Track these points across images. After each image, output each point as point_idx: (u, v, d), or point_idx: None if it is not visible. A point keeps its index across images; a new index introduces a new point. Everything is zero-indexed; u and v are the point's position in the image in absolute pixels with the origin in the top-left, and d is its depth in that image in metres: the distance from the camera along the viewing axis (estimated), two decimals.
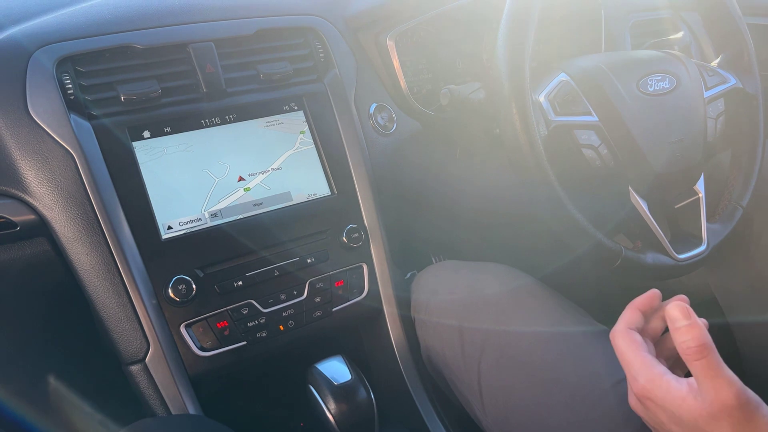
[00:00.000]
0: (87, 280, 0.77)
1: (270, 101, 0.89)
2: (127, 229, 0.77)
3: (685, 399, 0.53)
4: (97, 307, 0.78)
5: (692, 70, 0.86)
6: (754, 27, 0.95)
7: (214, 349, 0.81)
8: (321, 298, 0.88)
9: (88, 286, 0.77)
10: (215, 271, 0.81)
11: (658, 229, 0.82)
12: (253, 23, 0.90)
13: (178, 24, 0.86)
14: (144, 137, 0.81)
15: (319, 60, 0.95)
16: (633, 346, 0.60)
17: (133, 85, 0.80)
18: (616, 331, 0.63)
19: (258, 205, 0.86)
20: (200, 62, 0.84)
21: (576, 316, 0.83)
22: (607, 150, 0.81)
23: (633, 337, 0.61)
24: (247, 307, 0.83)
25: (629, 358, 0.59)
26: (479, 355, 0.80)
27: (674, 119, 0.83)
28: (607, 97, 0.81)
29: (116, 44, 0.81)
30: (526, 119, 0.75)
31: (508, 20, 0.78)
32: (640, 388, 0.57)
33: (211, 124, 0.85)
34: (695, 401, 0.53)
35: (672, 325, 0.55)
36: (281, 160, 0.89)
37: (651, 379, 0.57)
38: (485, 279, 0.89)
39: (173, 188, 0.81)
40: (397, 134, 1.01)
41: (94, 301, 0.77)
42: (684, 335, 0.54)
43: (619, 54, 0.93)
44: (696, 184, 0.86)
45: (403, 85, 1.02)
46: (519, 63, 0.76)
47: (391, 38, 1.01)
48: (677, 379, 0.56)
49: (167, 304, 0.78)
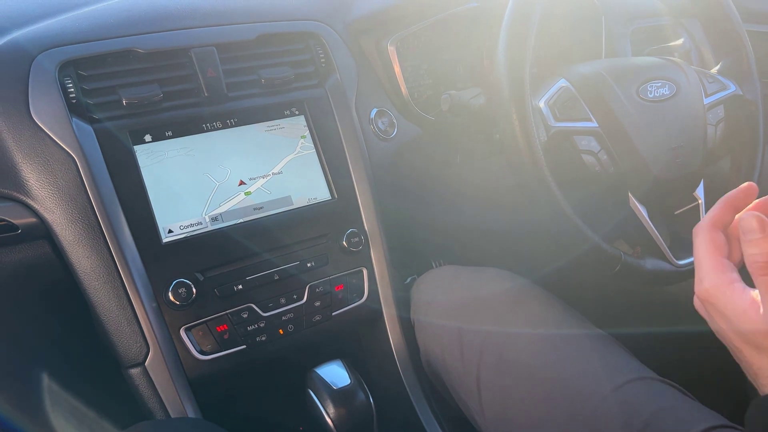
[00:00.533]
0: (87, 282, 0.77)
1: (271, 106, 0.90)
2: (128, 233, 0.77)
3: (747, 311, 0.51)
4: (97, 310, 0.78)
5: (692, 76, 0.87)
6: (753, 34, 0.95)
7: (213, 353, 0.81)
8: (321, 302, 0.88)
9: (89, 288, 0.77)
10: (215, 275, 0.82)
11: (657, 234, 0.82)
12: (254, 28, 0.91)
13: (180, 28, 0.86)
14: (145, 141, 0.81)
15: (320, 65, 0.95)
16: (710, 248, 0.56)
17: (135, 89, 0.81)
18: (699, 226, 0.58)
19: (258, 209, 0.86)
20: (202, 66, 0.85)
21: (575, 321, 0.83)
22: (607, 156, 0.81)
23: (713, 237, 0.57)
24: (247, 311, 0.83)
25: (701, 258, 0.56)
26: (478, 359, 0.80)
27: (674, 125, 0.83)
28: (607, 103, 0.81)
29: (118, 48, 0.81)
30: (526, 125, 0.75)
31: (508, 26, 0.78)
32: (703, 291, 0.55)
33: (212, 128, 0.86)
34: (756, 315, 0.51)
35: (744, 236, 0.52)
36: (282, 164, 0.89)
37: (717, 285, 0.54)
38: (485, 283, 0.89)
39: (174, 192, 0.81)
40: (397, 139, 1.01)
41: (94, 304, 0.78)
42: (754, 248, 0.51)
43: (620, 60, 0.93)
44: (696, 190, 0.87)
45: (403, 90, 1.02)
46: (519, 69, 0.76)
47: (392, 43, 1.02)
48: (744, 289, 0.53)
49: (167, 307, 0.78)
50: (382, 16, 1.03)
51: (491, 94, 0.84)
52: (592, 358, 0.76)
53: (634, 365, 0.77)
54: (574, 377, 0.74)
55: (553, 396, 0.74)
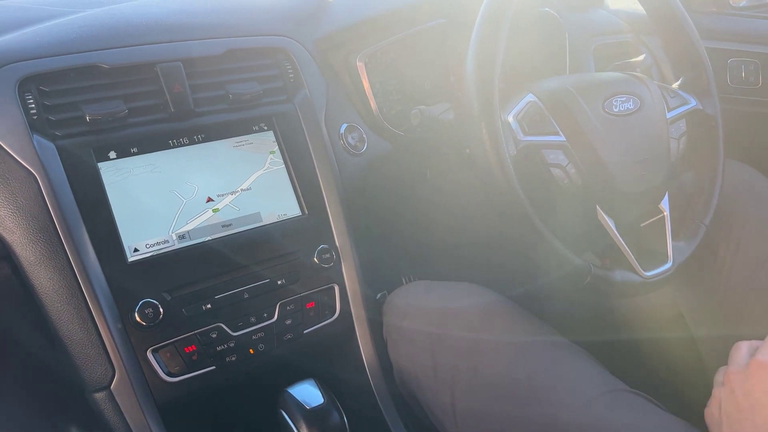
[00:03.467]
0: (50, 304, 0.74)
1: (239, 121, 0.89)
2: (92, 252, 0.75)
3: None
4: (59, 333, 0.75)
5: (655, 91, 0.89)
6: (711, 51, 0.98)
7: (181, 375, 0.79)
8: (292, 320, 0.87)
9: (51, 311, 0.75)
10: (183, 294, 0.80)
11: (625, 246, 0.83)
12: (222, 43, 0.90)
13: (145, 44, 0.85)
14: (110, 158, 0.79)
15: (288, 80, 0.95)
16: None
17: (98, 105, 0.79)
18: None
19: (227, 226, 0.85)
20: (168, 82, 0.83)
21: (547, 335, 0.83)
22: (575, 169, 0.82)
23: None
24: (216, 330, 0.81)
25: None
26: (452, 375, 0.80)
27: (639, 139, 0.85)
28: (574, 117, 0.82)
29: (81, 64, 0.80)
30: (496, 139, 0.76)
31: (476, 42, 0.79)
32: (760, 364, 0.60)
33: (179, 145, 0.84)
34: None
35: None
36: (251, 180, 0.88)
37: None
38: (457, 299, 0.89)
39: (140, 210, 0.79)
40: (367, 154, 1.01)
41: (56, 327, 0.75)
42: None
43: (585, 75, 0.95)
44: (661, 203, 0.88)
45: (373, 105, 1.03)
46: (488, 84, 0.77)
47: (361, 59, 1.02)
48: None
49: (133, 328, 0.76)
50: (350, 32, 1.03)
51: (460, 109, 0.85)
52: (565, 372, 0.76)
53: (605, 377, 0.77)
54: (548, 392, 0.74)
55: (527, 411, 0.74)
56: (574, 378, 0.76)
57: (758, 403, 0.60)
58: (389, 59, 1.08)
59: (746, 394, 0.61)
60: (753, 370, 0.61)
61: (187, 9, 0.95)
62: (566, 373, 0.77)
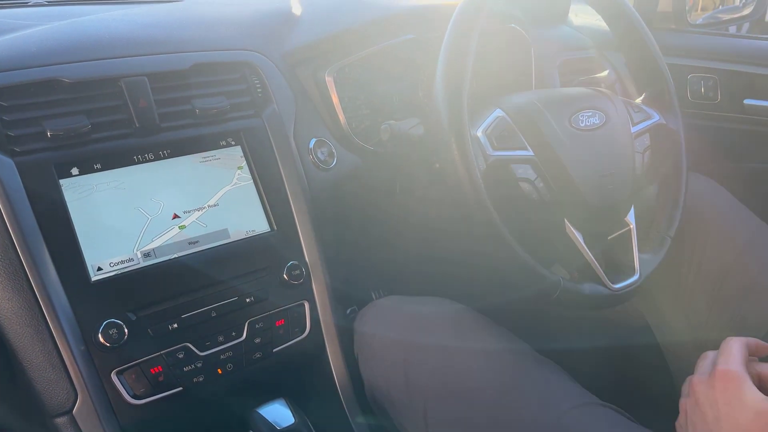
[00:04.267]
0: (8, 326, 0.72)
1: (206, 136, 0.87)
2: (53, 272, 0.72)
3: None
4: (19, 356, 0.72)
5: (619, 106, 0.90)
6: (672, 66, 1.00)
7: (147, 397, 0.77)
8: (261, 338, 0.85)
9: (9, 333, 0.72)
10: (149, 314, 0.78)
11: (593, 259, 0.84)
12: (188, 57, 0.89)
13: (109, 58, 0.83)
14: (72, 174, 0.77)
15: (256, 95, 0.94)
16: (743, 342, 0.64)
17: (60, 120, 0.77)
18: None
19: (194, 243, 0.83)
20: (132, 97, 0.82)
21: (518, 348, 0.84)
22: (543, 183, 0.83)
23: (746, 342, 0.65)
24: (183, 350, 0.79)
25: (735, 346, 0.63)
26: (424, 391, 0.79)
27: (605, 153, 0.86)
28: (541, 132, 0.83)
29: (42, 78, 0.78)
30: (466, 154, 0.76)
31: (445, 58, 0.80)
32: (723, 373, 0.61)
33: (144, 160, 0.82)
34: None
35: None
36: (218, 196, 0.86)
37: (739, 371, 0.61)
38: (428, 314, 0.89)
39: (103, 227, 0.77)
40: (337, 169, 1.00)
41: (15, 349, 0.72)
42: None
43: (552, 91, 0.96)
44: (627, 216, 0.90)
45: (342, 120, 1.02)
46: (457, 99, 0.78)
47: (330, 74, 1.01)
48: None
49: (97, 349, 0.74)
50: (318, 47, 1.03)
51: (430, 124, 0.85)
52: (537, 386, 0.76)
53: (576, 391, 0.78)
54: (520, 406, 0.74)
55: (500, 426, 0.74)
56: (545, 392, 0.76)
57: (722, 412, 0.60)
58: (358, 74, 1.08)
59: (711, 404, 0.61)
60: (715, 379, 0.62)
61: (153, 23, 0.94)
62: (538, 387, 0.77)
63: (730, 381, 0.60)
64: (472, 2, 0.81)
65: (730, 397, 0.60)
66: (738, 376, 0.61)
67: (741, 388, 0.60)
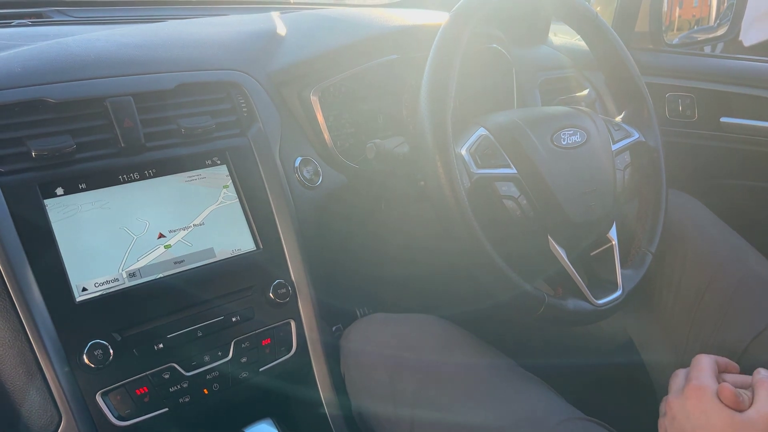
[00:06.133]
0: None
1: (192, 156, 0.87)
2: (38, 293, 0.72)
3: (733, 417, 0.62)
4: (1, 378, 0.71)
5: (600, 124, 0.92)
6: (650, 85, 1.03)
7: (132, 418, 0.76)
8: (247, 358, 0.85)
9: None
10: (134, 334, 0.77)
11: (577, 276, 0.85)
12: (173, 78, 0.89)
13: (94, 78, 0.83)
14: (57, 194, 0.76)
15: (242, 114, 0.94)
16: (713, 363, 0.70)
17: (45, 140, 0.76)
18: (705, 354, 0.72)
19: (179, 262, 0.83)
20: (118, 117, 0.82)
21: (504, 364, 0.84)
22: (526, 201, 0.84)
23: (715, 359, 0.71)
24: (169, 371, 0.79)
25: (704, 362, 0.69)
26: (412, 409, 0.79)
27: (586, 171, 0.87)
28: (524, 150, 0.85)
29: (27, 98, 0.77)
30: (451, 172, 0.77)
31: (429, 77, 0.81)
32: (695, 387, 0.66)
33: (129, 180, 0.82)
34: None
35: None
36: (204, 215, 0.86)
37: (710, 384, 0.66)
38: (414, 332, 0.89)
39: (88, 247, 0.77)
40: (323, 187, 1.01)
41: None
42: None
43: (534, 110, 0.98)
44: (609, 232, 0.91)
45: (327, 138, 1.03)
46: (442, 118, 0.79)
47: (315, 93, 1.02)
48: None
49: (81, 371, 0.73)
50: (303, 67, 1.04)
51: (415, 142, 0.86)
52: (524, 402, 0.77)
53: (562, 406, 0.78)
54: (509, 422, 0.74)
55: None
56: (532, 407, 0.77)
57: (699, 422, 0.63)
58: (342, 93, 1.09)
59: (687, 417, 0.64)
60: (689, 394, 0.65)
61: (138, 43, 0.94)
62: (526, 403, 0.78)
63: (704, 393, 0.64)
64: (456, 23, 0.82)
65: (704, 407, 0.63)
66: (710, 388, 0.65)
67: (714, 399, 0.63)
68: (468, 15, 0.83)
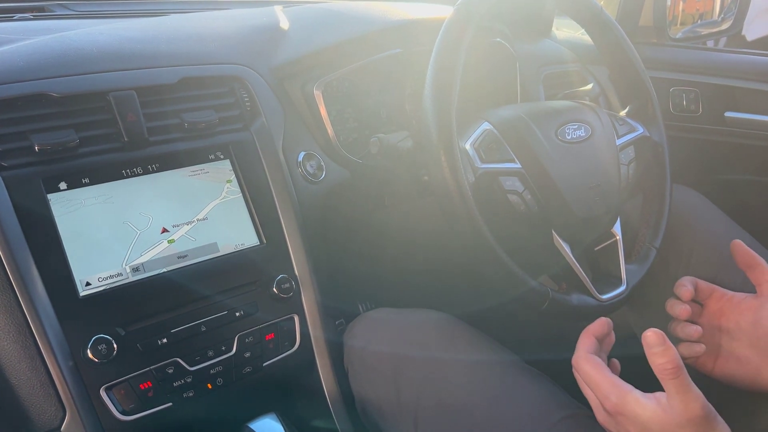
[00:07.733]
0: None
1: (195, 150, 0.87)
2: (41, 288, 0.72)
3: (656, 411, 0.60)
4: (5, 373, 0.71)
5: (604, 119, 0.92)
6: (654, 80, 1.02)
7: (136, 413, 0.76)
8: (251, 352, 0.85)
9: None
10: (138, 329, 0.77)
11: (581, 270, 0.85)
12: (176, 72, 0.89)
13: (97, 72, 0.83)
14: (60, 189, 0.76)
15: (245, 108, 0.94)
16: (598, 369, 0.66)
17: (48, 134, 0.76)
18: (578, 357, 0.69)
19: (183, 257, 0.83)
20: (121, 111, 0.82)
21: (508, 359, 0.84)
22: (531, 195, 0.84)
23: (596, 360, 0.68)
24: (173, 365, 0.79)
25: (598, 379, 0.66)
26: (415, 403, 0.79)
27: (591, 166, 0.87)
28: (528, 144, 0.84)
29: (29, 92, 0.77)
30: (455, 167, 0.77)
31: (434, 72, 0.80)
32: (612, 405, 0.64)
33: (132, 174, 0.82)
34: (665, 414, 0.60)
35: (649, 349, 0.61)
36: (207, 210, 0.86)
37: (622, 396, 0.63)
38: (418, 326, 0.89)
39: (92, 242, 0.77)
40: (326, 182, 1.01)
41: (2, 366, 0.71)
42: (661, 358, 0.60)
43: (538, 104, 0.97)
44: (613, 227, 0.91)
45: (330, 133, 1.03)
46: (446, 112, 0.78)
47: (318, 87, 1.02)
48: (645, 395, 0.62)
49: (85, 365, 0.73)
50: (306, 61, 1.04)
51: (419, 137, 0.86)
52: (528, 396, 0.77)
53: (565, 401, 0.78)
54: (512, 417, 0.74)
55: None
56: (535, 402, 0.77)
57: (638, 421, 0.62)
58: (346, 88, 1.09)
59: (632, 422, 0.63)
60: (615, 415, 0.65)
61: (141, 37, 0.94)
62: (528, 397, 0.78)
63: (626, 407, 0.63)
64: (460, 17, 0.82)
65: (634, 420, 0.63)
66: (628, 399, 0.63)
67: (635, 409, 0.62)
68: (472, 9, 0.82)
